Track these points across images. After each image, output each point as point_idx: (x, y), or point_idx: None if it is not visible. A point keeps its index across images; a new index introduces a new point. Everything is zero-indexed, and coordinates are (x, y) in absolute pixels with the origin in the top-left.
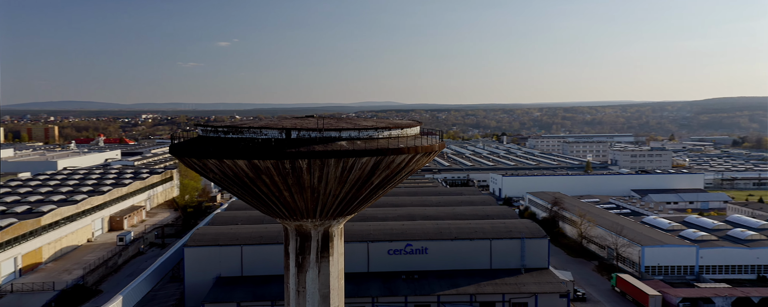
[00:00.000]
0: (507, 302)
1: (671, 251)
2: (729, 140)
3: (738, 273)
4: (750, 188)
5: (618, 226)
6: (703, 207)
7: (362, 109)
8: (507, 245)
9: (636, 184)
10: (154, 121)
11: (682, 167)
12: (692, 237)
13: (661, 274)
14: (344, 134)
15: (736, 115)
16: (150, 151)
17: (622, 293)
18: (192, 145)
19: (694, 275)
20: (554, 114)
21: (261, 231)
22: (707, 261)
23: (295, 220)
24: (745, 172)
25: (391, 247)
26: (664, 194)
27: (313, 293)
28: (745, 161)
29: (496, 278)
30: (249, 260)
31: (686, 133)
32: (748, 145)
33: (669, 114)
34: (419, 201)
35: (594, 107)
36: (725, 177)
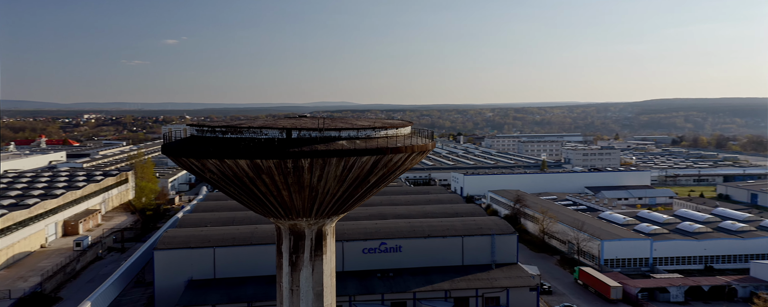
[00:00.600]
0: (480, 297)
1: (628, 244)
2: (668, 139)
3: (688, 264)
4: (691, 184)
5: (578, 222)
6: (651, 202)
7: (317, 110)
8: (478, 241)
9: (589, 181)
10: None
11: (630, 165)
12: (646, 231)
13: (619, 266)
14: (343, 134)
15: (673, 115)
16: (98, 153)
17: (584, 286)
18: (189, 145)
19: (648, 266)
20: (506, 114)
21: (233, 233)
22: (660, 253)
23: (290, 219)
24: (686, 169)
25: (365, 246)
26: (615, 191)
27: (307, 292)
28: (685, 158)
29: (469, 274)
30: (222, 262)
31: (628, 132)
32: (686, 144)
33: (612, 114)
34: (389, 200)
35: (543, 108)
36: (669, 174)
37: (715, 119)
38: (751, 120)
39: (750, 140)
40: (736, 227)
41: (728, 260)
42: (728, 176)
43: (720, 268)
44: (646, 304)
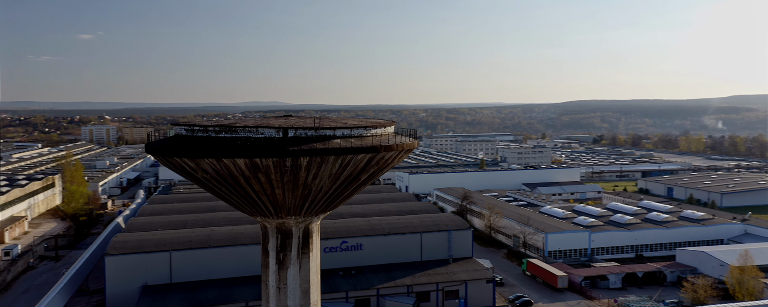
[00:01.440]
0: (440, 290)
1: (569, 236)
2: (590, 138)
3: (621, 253)
4: (614, 180)
5: (524, 217)
6: (582, 197)
7: (248, 110)
8: (436, 237)
9: (525, 178)
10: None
11: (560, 163)
12: (584, 224)
13: (562, 257)
14: (338, 132)
15: (591, 116)
16: (12, 156)
17: (532, 277)
18: (183, 145)
19: (587, 256)
20: (439, 115)
21: (190, 236)
22: (597, 244)
23: (278, 218)
24: (609, 166)
25: (327, 245)
26: (549, 187)
27: (294, 289)
28: (607, 156)
29: (428, 269)
30: (180, 266)
31: (552, 132)
32: (605, 143)
33: (537, 115)
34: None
35: (473, 109)
36: (595, 171)
37: (628, 119)
38: (658, 120)
39: (660, 139)
40: (661, 218)
41: (656, 248)
42: (646, 171)
43: (649, 255)
44: (588, 291)
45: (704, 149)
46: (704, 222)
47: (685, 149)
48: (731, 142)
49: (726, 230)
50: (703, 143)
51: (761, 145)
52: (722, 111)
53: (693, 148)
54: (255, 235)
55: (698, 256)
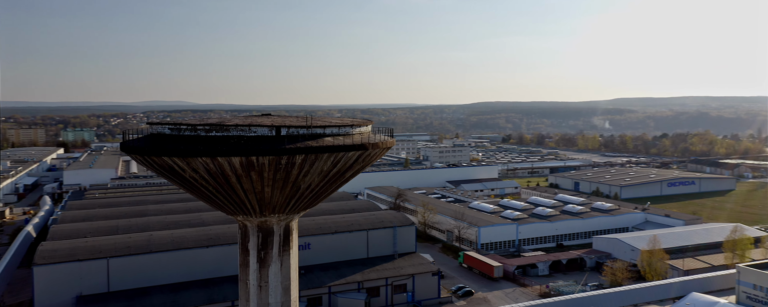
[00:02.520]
0: (390, 285)
1: (499, 229)
2: (499, 138)
3: (544, 243)
4: (526, 176)
5: (458, 212)
6: (501, 193)
7: (150, 109)
8: (381, 234)
9: (449, 176)
10: None
11: (477, 160)
12: (511, 217)
13: (494, 249)
14: (328, 131)
15: (496, 116)
16: None
17: (469, 268)
18: (174, 144)
19: (515, 247)
20: (353, 115)
21: (127, 241)
22: (523, 235)
23: (261, 216)
24: (522, 163)
25: None
26: (472, 184)
27: (275, 287)
28: (518, 154)
29: (376, 265)
30: (118, 273)
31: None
32: (513, 142)
33: (447, 115)
34: None
35: (387, 109)
36: (509, 168)
37: (529, 120)
38: (555, 120)
39: (561, 138)
40: (577, 209)
41: (573, 237)
42: (553, 168)
43: (568, 244)
44: (521, 279)
45: (599, 147)
46: (612, 212)
47: (583, 147)
48: (621, 140)
49: (630, 219)
50: (597, 142)
51: (645, 144)
52: (609, 112)
53: (589, 146)
54: (199, 238)
55: (612, 242)
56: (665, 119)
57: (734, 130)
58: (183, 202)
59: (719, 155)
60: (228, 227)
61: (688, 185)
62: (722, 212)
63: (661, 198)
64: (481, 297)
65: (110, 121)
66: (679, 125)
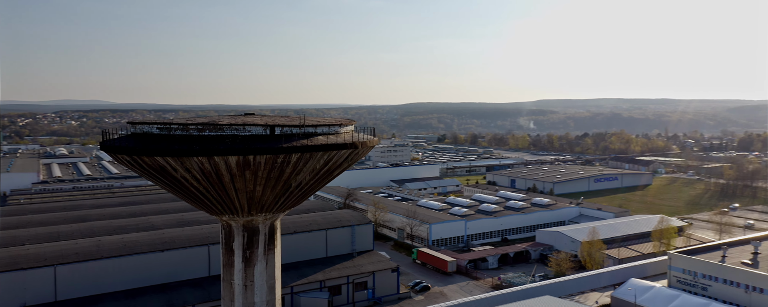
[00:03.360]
0: (351, 283)
1: (449, 225)
2: (434, 137)
3: (490, 237)
4: (465, 174)
5: (410, 211)
6: (444, 191)
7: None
8: (340, 233)
9: (393, 175)
10: None
11: (417, 160)
12: (459, 213)
13: (444, 245)
14: (320, 130)
15: (429, 117)
16: None
17: (422, 264)
18: (168, 143)
19: (464, 242)
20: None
21: (74, 248)
22: (471, 230)
23: (249, 215)
24: (460, 162)
25: None
26: (415, 182)
27: (261, 285)
28: (455, 153)
29: (334, 265)
30: (66, 281)
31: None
32: (448, 141)
33: (381, 115)
34: None
35: (321, 109)
36: (449, 167)
37: (460, 120)
38: (484, 121)
39: (493, 137)
40: (519, 205)
41: (517, 231)
42: (489, 166)
43: (512, 238)
44: (473, 272)
45: (528, 146)
46: (551, 207)
47: (514, 146)
48: (548, 139)
49: (567, 213)
50: (527, 141)
51: (569, 142)
52: (533, 113)
53: (520, 145)
54: (154, 242)
55: (554, 235)
56: (583, 120)
57: (644, 130)
58: (125, 206)
59: (635, 152)
60: (182, 231)
61: (612, 181)
62: (643, 204)
63: (589, 193)
64: (438, 291)
65: (17, 122)
66: (595, 125)
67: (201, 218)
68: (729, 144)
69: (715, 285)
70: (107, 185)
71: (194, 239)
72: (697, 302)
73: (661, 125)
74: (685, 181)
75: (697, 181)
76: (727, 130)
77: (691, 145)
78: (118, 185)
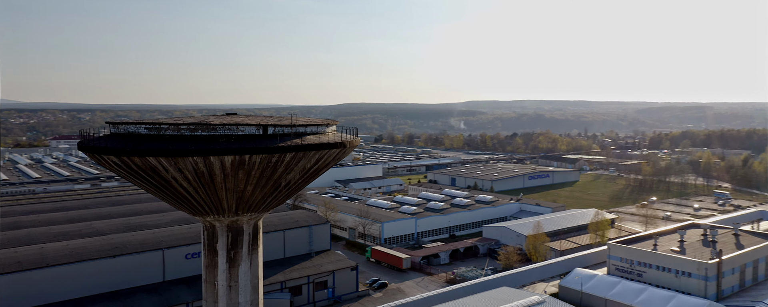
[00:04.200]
0: (311, 283)
1: (400, 224)
2: (372, 138)
3: (439, 234)
4: (406, 174)
5: (363, 210)
6: (388, 190)
7: None
8: (297, 233)
9: (337, 175)
10: None
11: (359, 160)
12: (408, 212)
13: (396, 242)
14: (309, 129)
15: (363, 117)
16: None
17: (377, 262)
18: (161, 143)
19: (414, 240)
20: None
21: (15, 256)
22: (421, 228)
23: (234, 215)
24: (401, 162)
25: (189, 251)
26: (360, 182)
27: (245, 285)
28: (394, 153)
29: (293, 265)
30: (7, 292)
31: None
32: (386, 142)
33: (315, 116)
34: (165, 206)
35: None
36: (390, 166)
37: (394, 121)
38: (417, 121)
39: (428, 138)
40: (464, 202)
41: (463, 227)
42: (429, 165)
43: (459, 234)
44: (427, 268)
45: (463, 145)
46: (494, 204)
47: (449, 146)
48: (482, 139)
49: (508, 209)
50: (461, 141)
51: (501, 142)
52: (463, 114)
53: (455, 145)
54: (103, 248)
55: (500, 230)
56: (510, 120)
57: (565, 130)
58: (60, 211)
59: (562, 151)
60: (132, 235)
61: (544, 178)
62: (574, 199)
63: (524, 190)
64: (395, 288)
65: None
66: (521, 125)
67: (149, 222)
68: (641, 143)
69: (650, 271)
70: (28, 191)
71: (147, 244)
72: (636, 287)
73: (580, 125)
74: (608, 177)
75: (618, 177)
76: (638, 130)
77: (608, 144)
78: (41, 190)
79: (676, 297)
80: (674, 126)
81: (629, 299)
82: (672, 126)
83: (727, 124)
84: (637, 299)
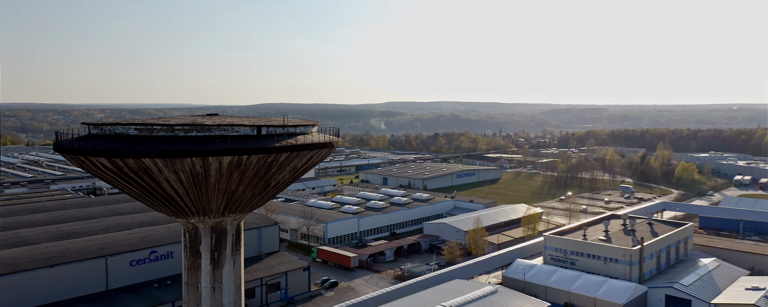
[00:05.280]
0: (264, 285)
1: (344, 223)
2: None
3: (380, 232)
4: (337, 174)
5: (303, 211)
6: (322, 191)
7: None
8: (247, 235)
9: None
10: None
11: None
12: (350, 211)
13: (340, 242)
14: (298, 130)
15: None
16: None
17: (323, 262)
18: (152, 144)
19: (357, 239)
20: (120, 116)
21: None
22: (364, 227)
23: (220, 216)
24: (331, 162)
25: (133, 257)
26: (294, 183)
27: (229, 287)
28: None
29: (246, 267)
30: None
31: None
32: None
33: None
34: (102, 212)
35: (161, 109)
36: (321, 167)
37: None
38: (338, 122)
39: (353, 138)
40: (402, 201)
41: (402, 225)
42: (359, 165)
43: (399, 232)
44: (374, 265)
45: (388, 146)
46: (430, 201)
47: (375, 146)
48: (406, 139)
49: (443, 206)
50: (387, 141)
51: (424, 142)
52: (383, 114)
53: (380, 145)
54: (38, 258)
55: (440, 227)
56: (428, 121)
57: (480, 130)
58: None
59: (482, 150)
60: (68, 243)
61: (471, 176)
62: (499, 195)
63: (453, 187)
64: (346, 286)
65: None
66: (439, 126)
67: (83, 229)
68: (551, 142)
69: (582, 259)
70: None
71: (88, 252)
72: (571, 274)
73: (493, 126)
74: (527, 174)
75: (535, 174)
76: (546, 130)
77: (522, 144)
78: None
79: (607, 282)
80: (576, 126)
81: (567, 285)
82: (574, 126)
83: (620, 124)
84: (574, 285)
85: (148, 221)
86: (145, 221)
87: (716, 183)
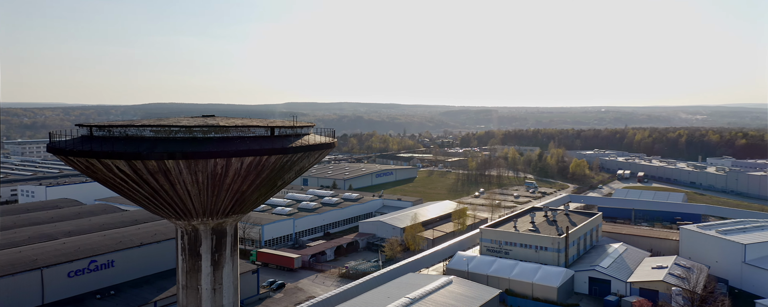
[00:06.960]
0: None
1: (280, 225)
2: None
3: (315, 233)
4: None
5: None
6: None
7: None
8: None
9: None
10: None
11: None
12: (284, 213)
13: (277, 244)
14: (303, 131)
15: None
16: None
17: (264, 264)
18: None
19: (293, 240)
20: None
21: None
22: (299, 228)
23: (220, 218)
24: None
25: (71, 268)
26: None
27: (228, 287)
28: None
29: None
30: None
31: None
32: None
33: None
34: (15, 222)
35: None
36: None
37: None
38: None
39: None
40: (333, 201)
41: (336, 225)
42: None
43: (333, 231)
44: (316, 265)
45: None
46: (360, 201)
47: None
48: None
49: (373, 205)
50: None
51: None
52: (285, 115)
53: None
54: (9, 265)
55: (376, 224)
56: (331, 121)
57: (383, 130)
58: None
59: (394, 150)
60: (20, 251)
61: (389, 175)
62: (419, 193)
63: (375, 187)
64: (293, 287)
65: None
66: (343, 126)
67: (18, 239)
68: (454, 142)
69: (515, 249)
70: None
71: (21, 264)
72: (509, 263)
73: (395, 126)
74: (440, 173)
75: (447, 172)
76: (447, 130)
77: (429, 144)
78: None
79: (541, 268)
80: (471, 126)
81: (506, 273)
82: (469, 126)
83: (509, 124)
84: (513, 272)
85: (75, 230)
86: (73, 230)
87: (604, 177)
